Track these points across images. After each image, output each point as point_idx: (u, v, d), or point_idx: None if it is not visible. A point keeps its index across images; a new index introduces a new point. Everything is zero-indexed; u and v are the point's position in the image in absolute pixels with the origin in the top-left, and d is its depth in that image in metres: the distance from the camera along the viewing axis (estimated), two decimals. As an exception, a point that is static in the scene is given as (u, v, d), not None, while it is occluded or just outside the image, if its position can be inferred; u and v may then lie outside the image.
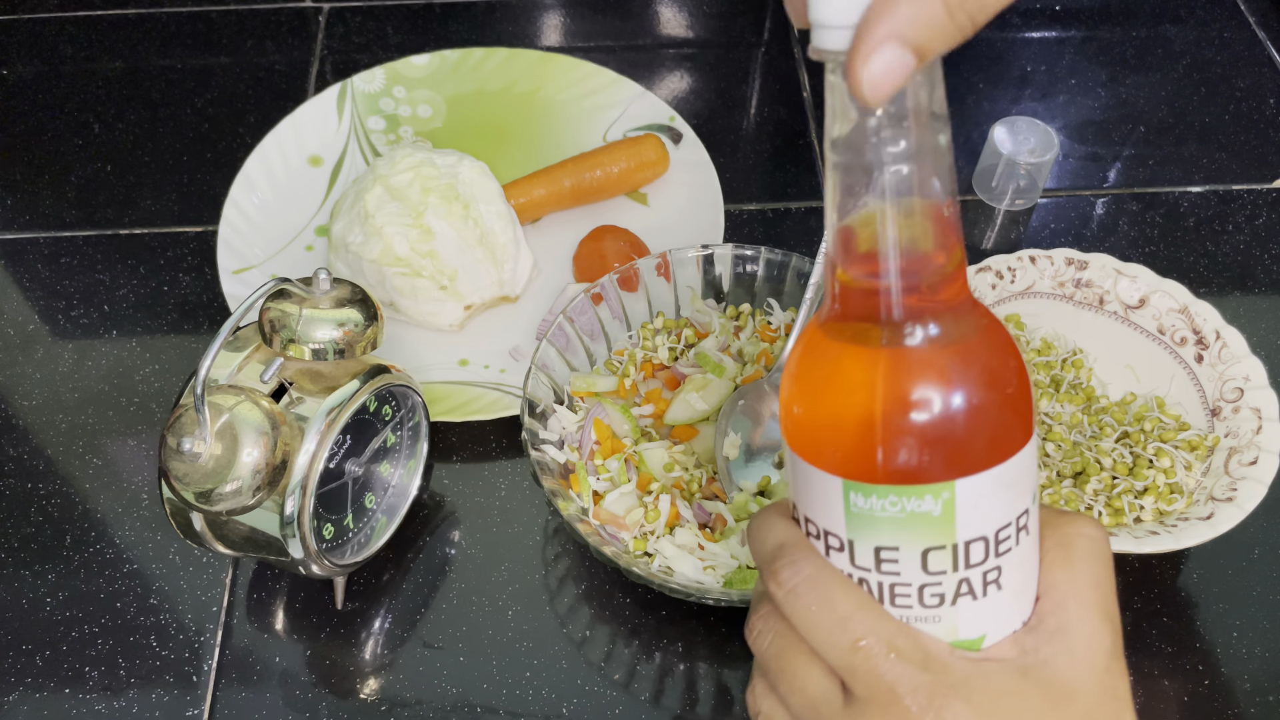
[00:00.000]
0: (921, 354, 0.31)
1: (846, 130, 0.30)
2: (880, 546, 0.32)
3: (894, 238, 0.31)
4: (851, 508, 0.32)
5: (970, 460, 0.31)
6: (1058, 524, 0.35)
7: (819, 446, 0.33)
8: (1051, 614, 0.34)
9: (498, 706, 0.55)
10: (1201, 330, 0.63)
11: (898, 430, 0.31)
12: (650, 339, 0.64)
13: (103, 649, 0.57)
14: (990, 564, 0.33)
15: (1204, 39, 0.88)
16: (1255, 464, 0.57)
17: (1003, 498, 0.32)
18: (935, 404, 0.31)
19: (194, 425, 0.47)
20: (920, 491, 0.31)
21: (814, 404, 0.33)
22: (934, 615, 0.33)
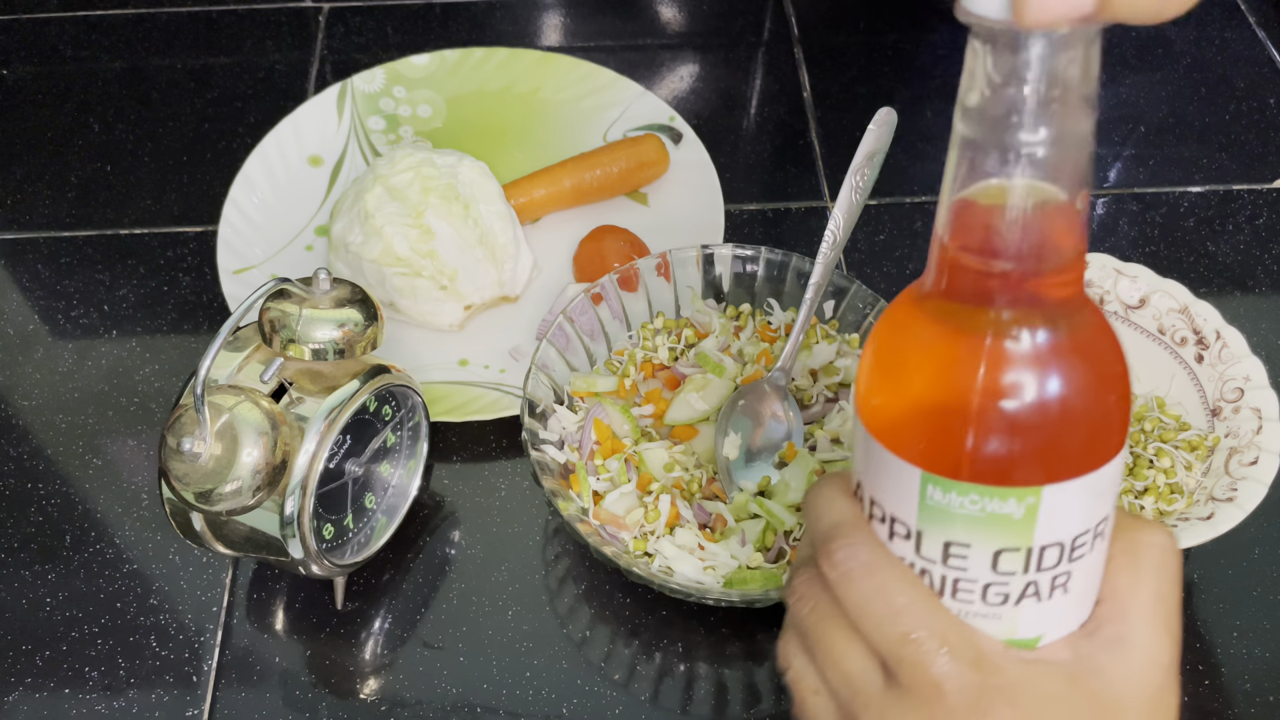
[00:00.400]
0: (1030, 348, 0.29)
1: (985, 99, 0.28)
2: (951, 542, 0.31)
3: (1020, 222, 0.29)
4: (927, 500, 0.31)
5: (1063, 466, 0.30)
6: (1129, 528, 0.34)
7: (901, 432, 0.31)
8: (1111, 622, 0.33)
9: (498, 706, 0.55)
10: (1202, 330, 0.63)
11: (993, 427, 0.30)
12: (650, 339, 0.64)
13: (102, 649, 0.57)
14: (1062, 569, 0.32)
15: (1204, 39, 0.88)
16: (1256, 464, 0.57)
17: (1088, 506, 0.31)
18: (1037, 404, 0.30)
19: (194, 425, 0.47)
20: (1005, 494, 0.30)
21: (902, 386, 0.32)
22: (995, 613, 0.32)
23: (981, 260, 0.30)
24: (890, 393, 0.32)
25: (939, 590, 0.33)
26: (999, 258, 0.29)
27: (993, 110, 0.28)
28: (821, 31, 0.88)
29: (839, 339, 0.62)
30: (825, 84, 0.84)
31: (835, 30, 0.88)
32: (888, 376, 0.32)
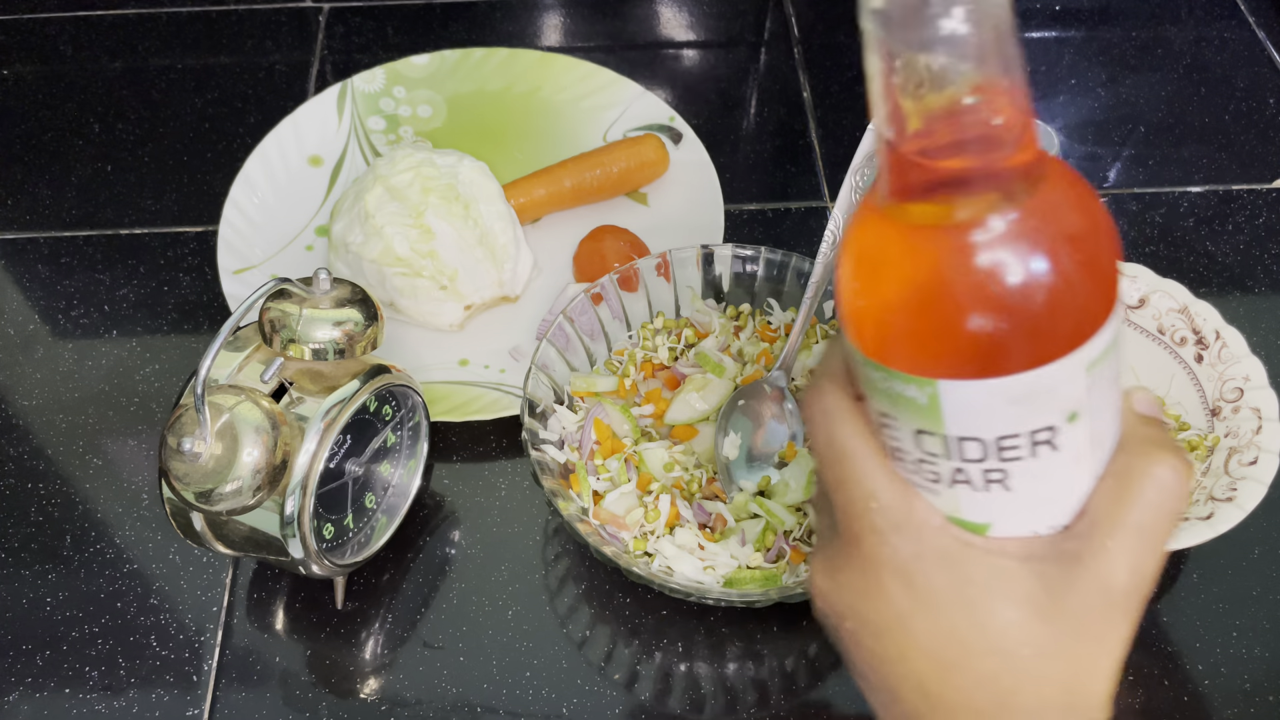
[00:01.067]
0: (930, 238, 0.28)
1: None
2: (881, 411, 0.32)
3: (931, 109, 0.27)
4: (861, 369, 0.32)
5: (956, 366, 0.29)
6: (1133, 451, 0.32)
7: (839, 306, 0.32)
8: (1075, 538, 0.32)
9: (498, 706, 0.55)
10: (1201, 330, 0.63)
11: (882, 311, 0.30)
12: (650, 339, 0.64)
13: (103, 649, 0.57)
14: (991, 465, 0.30)
15: (1204, 39, 0.88)
16: (1255, 464, 0.57)
17: (1006, 410, 0.29)
18: (919, 294, 0.28)
19: (194, 425, 0.47)
20: (906, 378, 0.30)
21: (841, 265, 0.32)
22: (933, 488, 0.32)
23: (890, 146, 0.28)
24: (839, 269, 0.32)
25: (889, 455, 0.33)
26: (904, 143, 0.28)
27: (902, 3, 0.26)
28: (821, 31, 0.88)
29: (839, 339, 0.63)
30: (825, 84, 0.84)
31: (835, 30, 0.88)
32: (840, 255, 0.32)
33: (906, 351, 0.30)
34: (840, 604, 0.34)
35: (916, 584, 0.32)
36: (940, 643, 0.32)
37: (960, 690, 0.32)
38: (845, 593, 0.34)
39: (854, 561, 0.33)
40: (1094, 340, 0.29)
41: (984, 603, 0.32)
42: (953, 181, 0.28)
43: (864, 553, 0.33)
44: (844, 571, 0.34)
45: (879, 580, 0.33)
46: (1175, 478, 0.32)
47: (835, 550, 0.34)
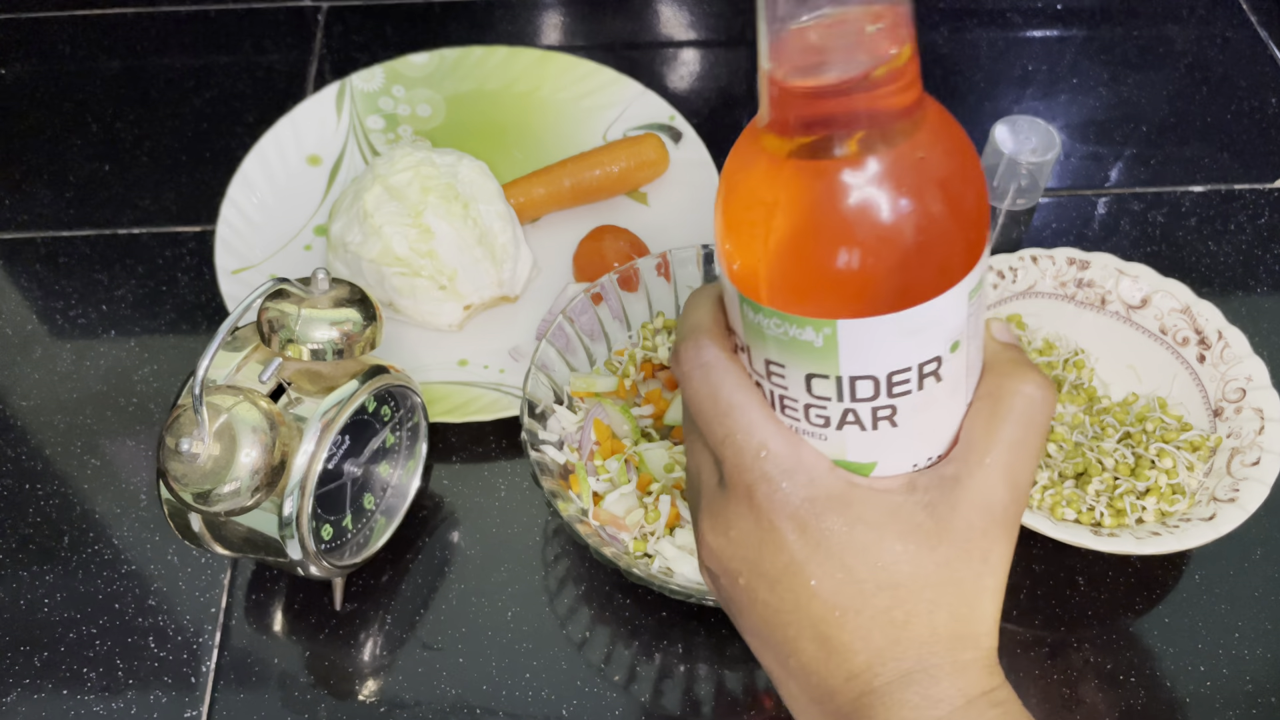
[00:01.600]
0: (821, 173, 0.28)
1: None
2: (769, 360, 0.32)
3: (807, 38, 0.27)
4: (745, 318, 0.31)
5: (856, 304, 0.29)
6: (999, 373, 0.34)
7: (724, 251, 0.31)
8: (953, 461, 0.33)
9: (497, 708, 0.55)
10: (1203, 330, 0.63)
11: (780, 255, 0.29)
12: (650, 339, 0.64)
13: (101, 650, 0.57)
14: (881, 402, 0.31)
15: (1206, 38, 0.88)
16: (1258, 464, 0.57)
17: (900, 344, 0.30)
18: (823, 234, 0.28)
19: (192, 425, 0.47)
20: (802, 322, 0.30)
21: (723, 210, 0.31)
22: (820, 433, 0.33)
23: (782, 80, 0.28)
24: (719, 214, 0.32)
25: (772, 405, 0.33)
26: (796, 77, 0.28)
27: None
28: (822, 30, 0.87)
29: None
30: (826, 83, 0.84)
31: (836, 29, 0.88)
32: (719, 199, 0.32)
33: (805, 295, 0.29)
34: (734, 559, 0.34)
35: (810, 528, 0.32)
36: (835, 585, 0.32)
37: (857, 632, 0.32)
38: (738, 547, 0.34)
39: (746, 514, 0.33)
40: (975, 268, 0.30)
41: (874, 540, 0.32)
42: (842, 117, 0.28)
43: (756, 503, 0.33)
44: (735, 526, 0.34)
45: (773, 528, 0.33)
46: (1041, 393, 0.33)
47: (723, 505, 0.34)
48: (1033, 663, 0.57)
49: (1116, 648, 0.57)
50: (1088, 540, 0.55)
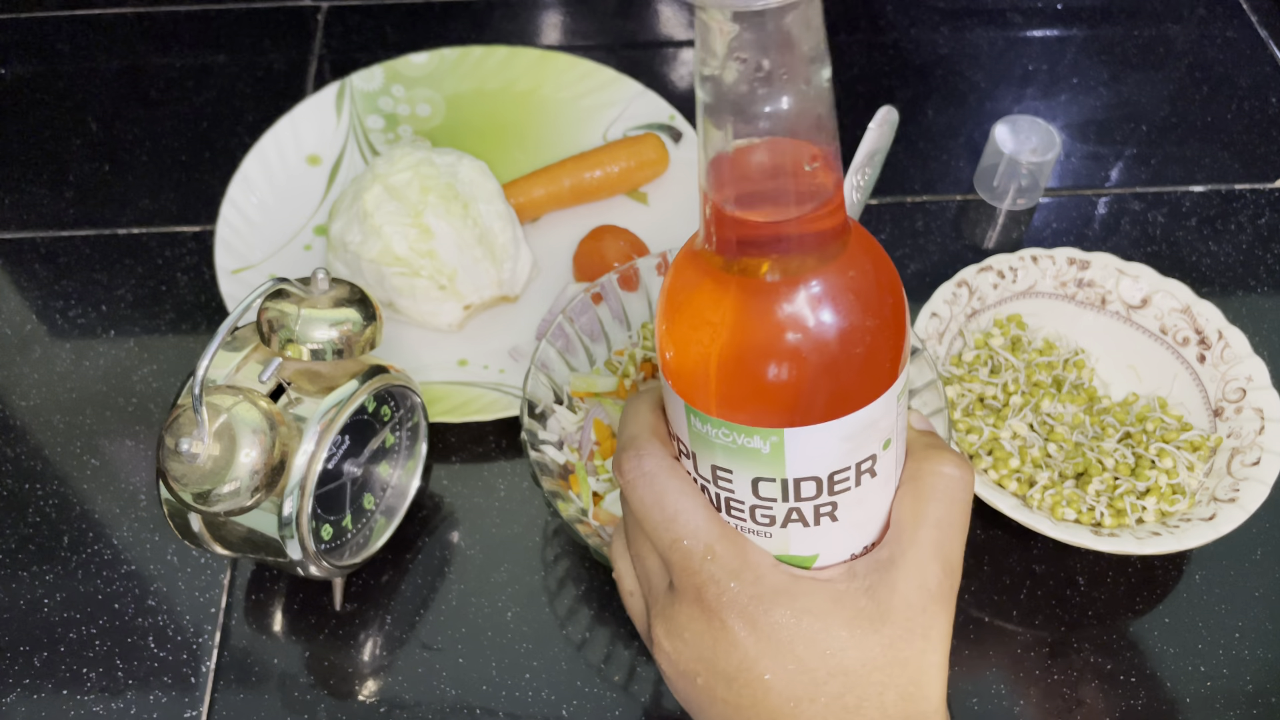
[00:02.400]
0: (766, 297, 0.30)
1: (720, 69, 0.28)
2: (716, 466, 0.33)
3: (749, 172, 0.29)
4: (692, 427, 0.33)
5: (804, 413, 0.31)
6: (919, 458, 0.36)
7: (669, 365, 0.33)
8: (886, 545, 0.35)
9: (497, 708, 0.55)
10: (1204, 330, 0.63)
11: (730, 371, 0.31)
12: (650, 339, 0.64)
13: (100, 650, 0.57)
14: (823, 500, 0.33)
15: (1206, 38, 0.88)
16: (1258, 465, 0.57)
17: (840, 447, 0.32)
18: (771, 352, 0.30)
19: (192, 425, 0.47)
20: (750, 431, 0.31)
21: (667, 324, 0.33)
22: (765, 531, 0.34)
23: (723, 207, 0.30)
24: (662, 328, 0.33)
25: (716, 505, 0.34)
26: (734, 205, 0.30)
27: (729, 78, 0.27)
28: (822, 30, 0.87)
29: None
30: (826, 83, 0.84)
31: (835, 29, 0.88)
32: (662, 310, 0.33)
33: (755, 407, 0.31)
34: (690, 660, 0.35)
35: (759, 623, 0.33)
36: (789, 677, 0.33)
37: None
38: (693, 648, 0.35)
39: (698, 615, 0.34)
40: (903, 372, 0.33)
41: (822, 628, 0.33)
42: (780, 243, 0.30)
43: (706, 604, 0.34)
44: (688, 628, 0.35)
45: (724, 626, 0.34)
46: (959, 471, 0.36)
47: (675, 609, 0.35)
48: (1033, 663, 0.57)
49: (1116, 648, 0.57)
50: (1088, 540, 0.55)
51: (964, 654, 0.57)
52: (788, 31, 0.26)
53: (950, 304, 0.64)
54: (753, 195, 0.30)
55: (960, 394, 0.63)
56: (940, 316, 0.64)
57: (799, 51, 0.26)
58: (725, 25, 0.26)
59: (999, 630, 0.58)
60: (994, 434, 0.60)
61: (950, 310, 0.64)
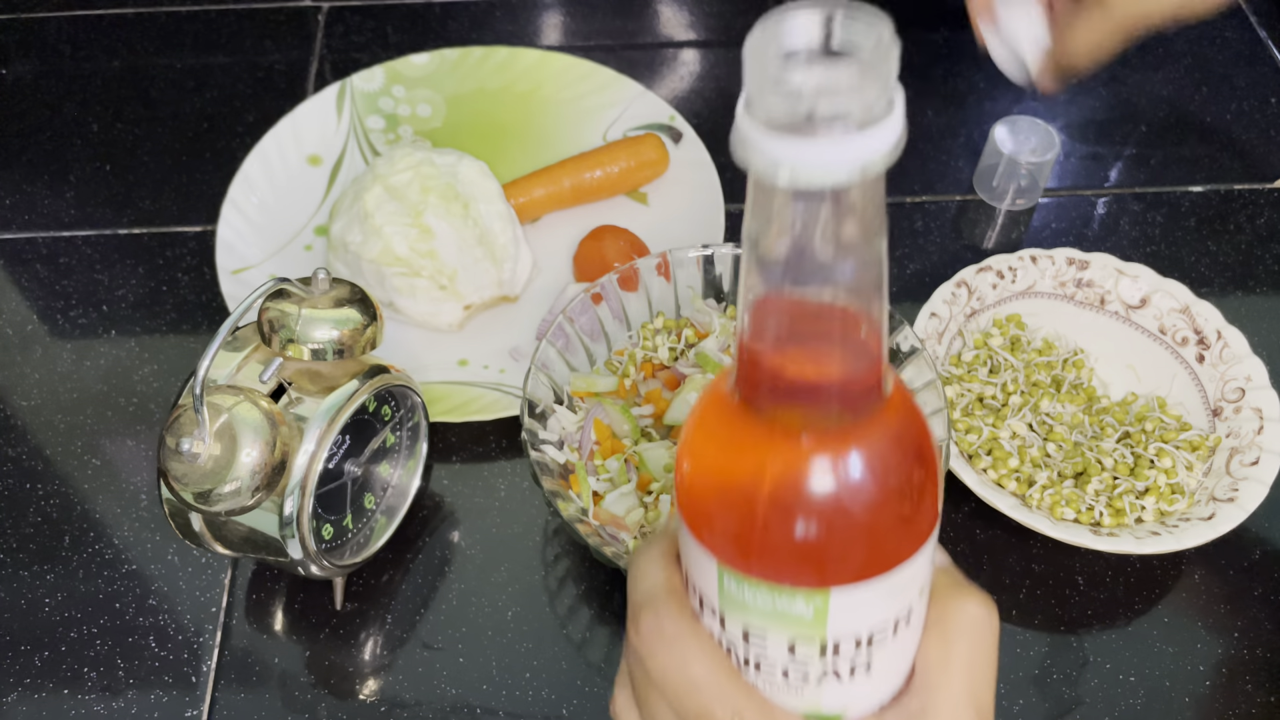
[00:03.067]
0: (814, 458, 0.28)
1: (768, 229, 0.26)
2: (749, 629, 0.31)
3: (806, 333, 0.27)
4: (725, 588, 0.31)
5: (850, 571, 0.30)
6: (944, 598, 0.34)
7: (700, 520, 0.31)
8: (916, 693, 0.33)
9: (497, 707, 0.55)
10: (1203, 330, 0.63)
11: (777, 530, 0.29)
12: (650, 339, 0.64)
13: (101, 650, 0.57)
14: (861, 656, 0.32)
15: (1205, 38, 0.88)
16: (1257, 464, 0.57)
17: (883, 603, 0.31)
18: (820, 512, 0.29)
19: (193, 425, 0.47)
20: (793, 593, 0.30)
21: (700, 475, 0.31)
22: (796, 689, 0.32)
23: (774, 364, 0.28)
24: (692, 478, 0.31)
25: (742, 665, 0.32)
26: (789, 364, 0.28)
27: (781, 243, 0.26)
28: (822, 31, 0.88)
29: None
30: (825, 83, 0.84)
31: (835, 29, 0.88)
32: (690, 460, 0.31)
33: (800, 567, 0.29)
34: None
35: None
36: None
37: None
38: None
39: None
40: (939, 519, 0.32)
41: None
42: (831, 395, 0.28)
43: None
44: None
45: None
46: (985, 611, 0.34)
47: None
48: (1032, 662, 0.57)
49: (1116, 648, 0.57)
50: (1087, 540, 0.55)
51: (963, 653, 0.57)
52: (850, 204, 0.24)
53: (949, 304, 0.64)
54: (800, 350, 0.28)
55: (959, 394, 0.63)
56: (939, 316, 0.64)
57: (859, 222, 0.25)
58: (785, 195, 0.24)
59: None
60: (993, 434, 0.60)
61: (949, 310, 0.64)
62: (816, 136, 0.23)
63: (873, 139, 0.23)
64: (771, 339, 0.28)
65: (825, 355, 0.28)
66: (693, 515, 0.31)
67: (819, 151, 0.23)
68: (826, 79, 0.22)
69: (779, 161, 0.23)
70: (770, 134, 0.23)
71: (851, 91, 0.22)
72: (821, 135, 0.23)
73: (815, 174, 0.23)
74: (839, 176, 0.23)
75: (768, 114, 0.23)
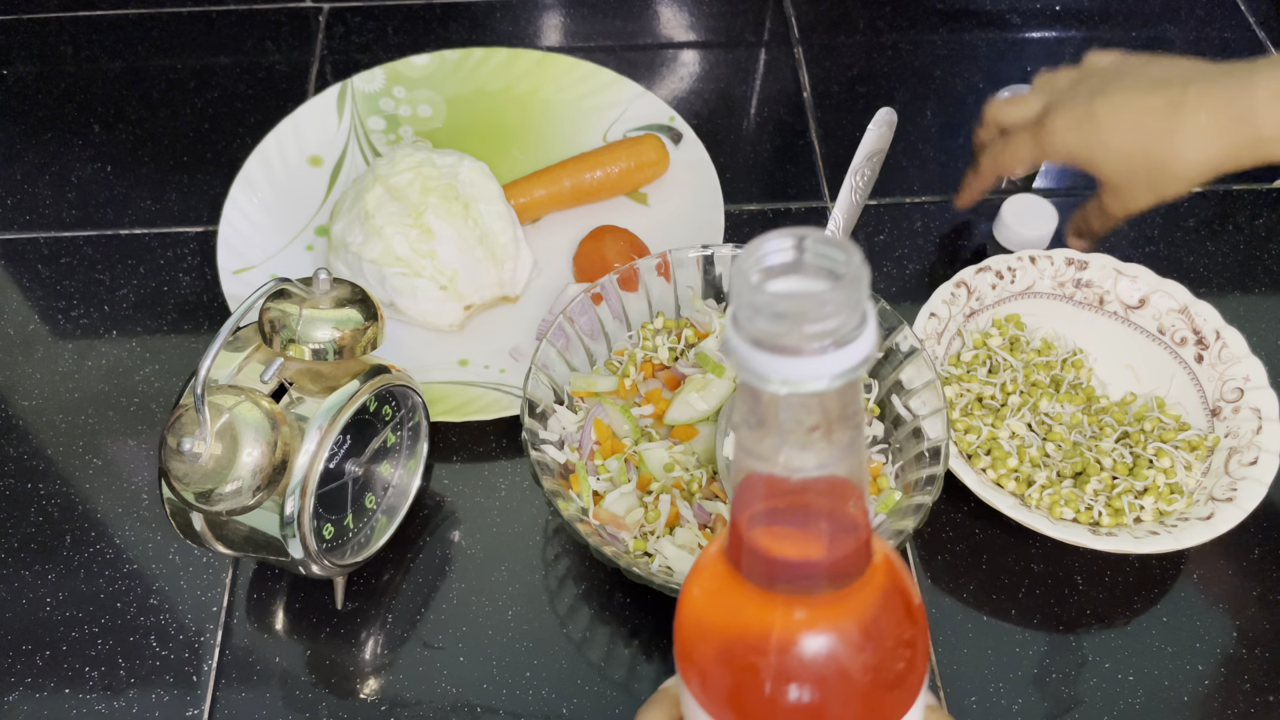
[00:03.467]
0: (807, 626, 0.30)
1: (755, 423, 0.28)
2: None
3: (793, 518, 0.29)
4: None
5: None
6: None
7: (705, 688, 0.32)
8: None
9: (498, 706, 0.55)
10: (1201, 330, 0.63)
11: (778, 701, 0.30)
12: (650, 339, 0.64)
13: (102, 649, 0.57)
14: None
15: (1204, 39, 0.88)
16: (1255, 464, 0.57)
17: None
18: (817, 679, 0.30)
19: (194, 425, 0.47)
20: None
21: (700, 645, 0.32)
22: None
23: (763, 541, 0.30)
24: (694, 644, 0.33)
25: None
26: (776, 542, 0.30)
27: (768, 436, 0.28)
28: (821, 31, 0.88)
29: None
30: (825, 84, 0.84)
31: (835, 30, 0.88)
32: (690, 628, 0.33)
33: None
34: None
35: None
36: None
37: None
38: None
39: None
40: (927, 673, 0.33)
41: None
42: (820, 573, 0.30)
43: None
44: None
45: None
46: None
47: None
48: (1032, 662, 0.57)
49: (1115, 647, 0.57)
50: (1086, 540, 0.55)
51: (962, 653, 0.57)
52: (829, 404, 0.26)
53: (949, 304, 0.64)
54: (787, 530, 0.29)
55: (959, 394, 0.63)
56: (939, 316, 0.64)
57: (838, 417, 0.27)
58: (771, 395, 0.26)
59: (998, 629, 0.58)
60: (992, 433, 0.60)
61: (949, 310, 0.64)
62: (801, 355, 0.25)
63: (850, 353, 0.25)
64: (762, 518, 0.29)
65: (811, 535, 0.29)
66: (699, 682, 0.32)
67: (801, 367, 0.25)
68: (807, 306, 0.24)
69: (766, 376, 0.25)
70: (756, 350, 0.25)
71: (830, 317, 0.24)
72: (805, 354, 0.25)
73: (798, 386, 0.25)
74: (819, 386, 0.25)
75: (753, 334, 0.25)
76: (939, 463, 0.54)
